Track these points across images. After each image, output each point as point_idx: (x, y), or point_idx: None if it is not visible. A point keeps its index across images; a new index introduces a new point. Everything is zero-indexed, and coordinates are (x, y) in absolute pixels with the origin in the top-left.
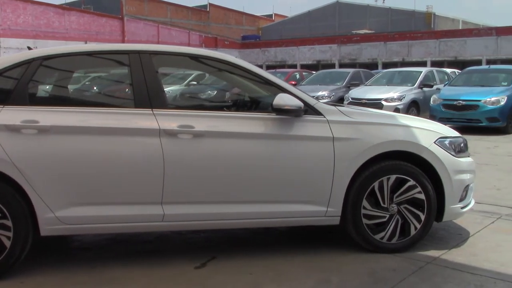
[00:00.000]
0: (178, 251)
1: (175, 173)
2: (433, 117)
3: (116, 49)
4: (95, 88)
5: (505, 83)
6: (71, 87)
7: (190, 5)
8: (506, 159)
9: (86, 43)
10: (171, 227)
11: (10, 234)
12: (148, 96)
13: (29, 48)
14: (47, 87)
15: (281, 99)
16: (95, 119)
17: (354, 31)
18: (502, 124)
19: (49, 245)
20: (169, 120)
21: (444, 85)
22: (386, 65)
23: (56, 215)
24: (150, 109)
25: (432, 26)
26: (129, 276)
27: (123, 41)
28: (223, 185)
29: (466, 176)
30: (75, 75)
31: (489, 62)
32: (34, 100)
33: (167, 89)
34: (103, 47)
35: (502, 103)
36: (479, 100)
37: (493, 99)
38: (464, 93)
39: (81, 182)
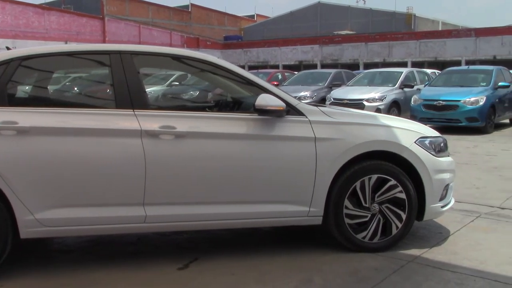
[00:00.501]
0: (161, 252)
1: (157, 174)
2: (413, 117)
3: (96, 49)
4: (75, 88)
5: (484, 84)
6: (51, 88)
7: (172, 5)
8: (485, 158)
9: (66, 43)
10: (153, 229)
11: None
12: (130, 97)
13: (8, 48)
14: (27, 87)
15: (263, 100)
16: (76, 120)
17: (335, 32)
18: (481, 124)
19: (30, 248)
20: (151, 120)
21: (425, 86)
22: (367, 66)
23: (36, 218)
24: (132, 110)
25: (412, 27)
26: (111, 278)
27: (104, 41)
28: (205, 186)
29: (446, 176)
30: (55, 75)
31: (468, 62)
32: (13, 101)
33: (148, 89)
34: (83, 47)
35: (481, 103)
36: (459, 100)
37: (472, 99)
38: (444, 94)
39: (61, 184)
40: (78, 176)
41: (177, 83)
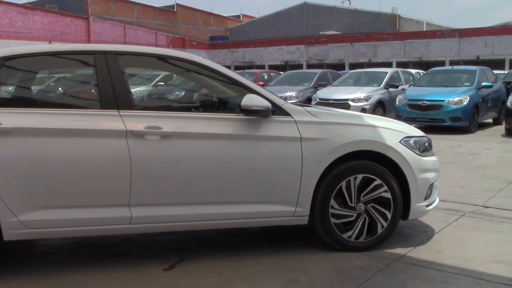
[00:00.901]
0: (146, 253)
1: (142, 175)
2: (398, 117)
3: (81, 49)
4: (60, 89)
5: (468, 84)
6: (35, 88)
7: (157, 5)
8: (469, 157)
9: (50, 43)
10: (139, 230)
11: None
12: (115, 97)
13: None
14: (10, 88)
15: (249, 100)
16: (60, 121)
17: (321, 32)
18: (465, 124)
19: (14, 250)
20: (136, 121)
21: (409, 86)
22: (352, 66)
23: (20, 219)
24: (117, 110)
25: (397, 27)
26: (96, 280)
27: (88, 41)
28: (191, 186)
29: (430, 175)
30: (39, 75)
31: (452, 63)
32: None
33: (134, 90)
34: (67, 47)
35: (465, 103)
36: (443, 100)
37: (456, 99)
38: (428, 94)
39: (46, 185)
40: (63, 177)
41: (163, 83)
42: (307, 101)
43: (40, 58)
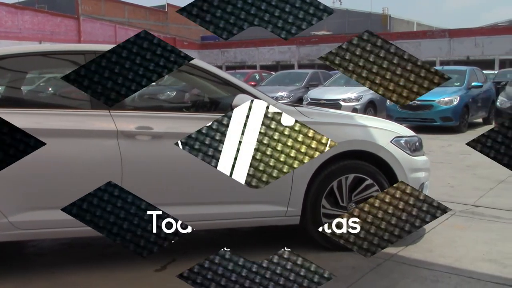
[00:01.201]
0: None
1: (133, 176)
2: (389, 117)
3: (71, 49)
4: (50, 89)
5: (458, 84)
6: (25, 88)
7: (148, 5)
8: (460, 157)
9: (40, 43)
10: None
11: None
12: None
13: None
14: (0, 88)
15: (241, 100)
16: (51, 121)
17: (312, 32)
18: (455, 123)
19: (4, 252)
20: (127, 121)
21: None
22: None
23: (9, 220)
24: (107, 111)
25: (388, 28)
26: (89, 280)
27: (79, 41)
28: (183, 187)
29: (421, 174)
30: (29, 76)
31: (442, 63)
32: None
33: None
34: (58, 47)
35: (455, 103)
36: (433, 100)
37: (446, 99)
38: None
39: (36, 186)
40: (54, 178)
41: (154, 84)
42: (299, 101)
43: (30, 58)
